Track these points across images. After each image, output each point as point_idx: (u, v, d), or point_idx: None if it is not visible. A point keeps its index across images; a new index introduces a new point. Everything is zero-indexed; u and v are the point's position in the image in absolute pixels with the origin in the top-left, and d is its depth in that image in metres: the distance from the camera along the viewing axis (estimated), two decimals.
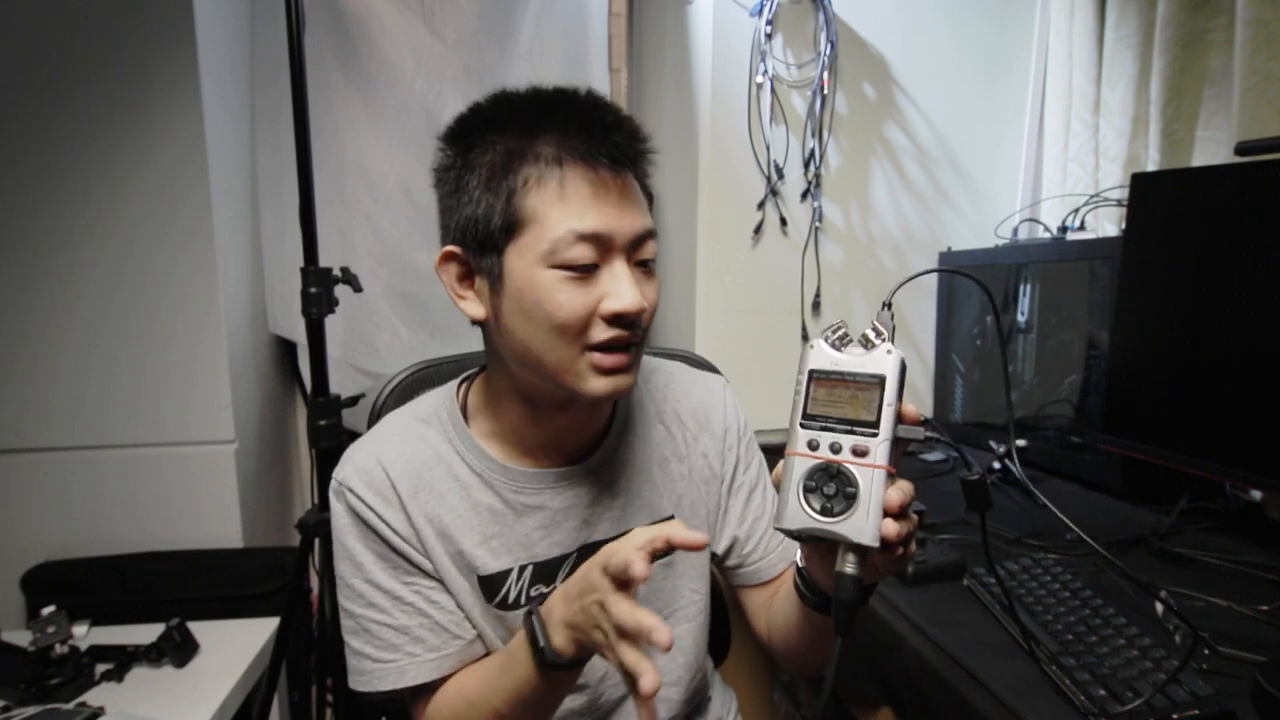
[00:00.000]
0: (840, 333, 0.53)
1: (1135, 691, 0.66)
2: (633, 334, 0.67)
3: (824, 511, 0.50)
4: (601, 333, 0.66)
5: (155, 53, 1.35)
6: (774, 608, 0.80)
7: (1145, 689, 0.66)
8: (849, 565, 0.51)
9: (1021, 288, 1.46)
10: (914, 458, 1.48)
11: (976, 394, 1.58)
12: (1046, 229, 1.48)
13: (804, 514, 0.51)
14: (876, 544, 0.49)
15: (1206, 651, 0.77)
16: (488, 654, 0.75)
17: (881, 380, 0.50)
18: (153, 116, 1.37)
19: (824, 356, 0.53)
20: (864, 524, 0.49)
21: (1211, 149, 1.30)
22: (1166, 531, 1.06)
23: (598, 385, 0.67)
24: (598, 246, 0.65)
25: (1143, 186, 1.08)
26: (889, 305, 0.54)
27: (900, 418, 0.51)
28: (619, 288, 0.65)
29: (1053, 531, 1.07)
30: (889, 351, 0.51)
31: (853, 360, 0.52)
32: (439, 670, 0.72)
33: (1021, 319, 1.46)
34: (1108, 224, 1.45)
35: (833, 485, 0.50)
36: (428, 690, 0.72)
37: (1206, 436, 0.98)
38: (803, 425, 0.52)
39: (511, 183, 0.65)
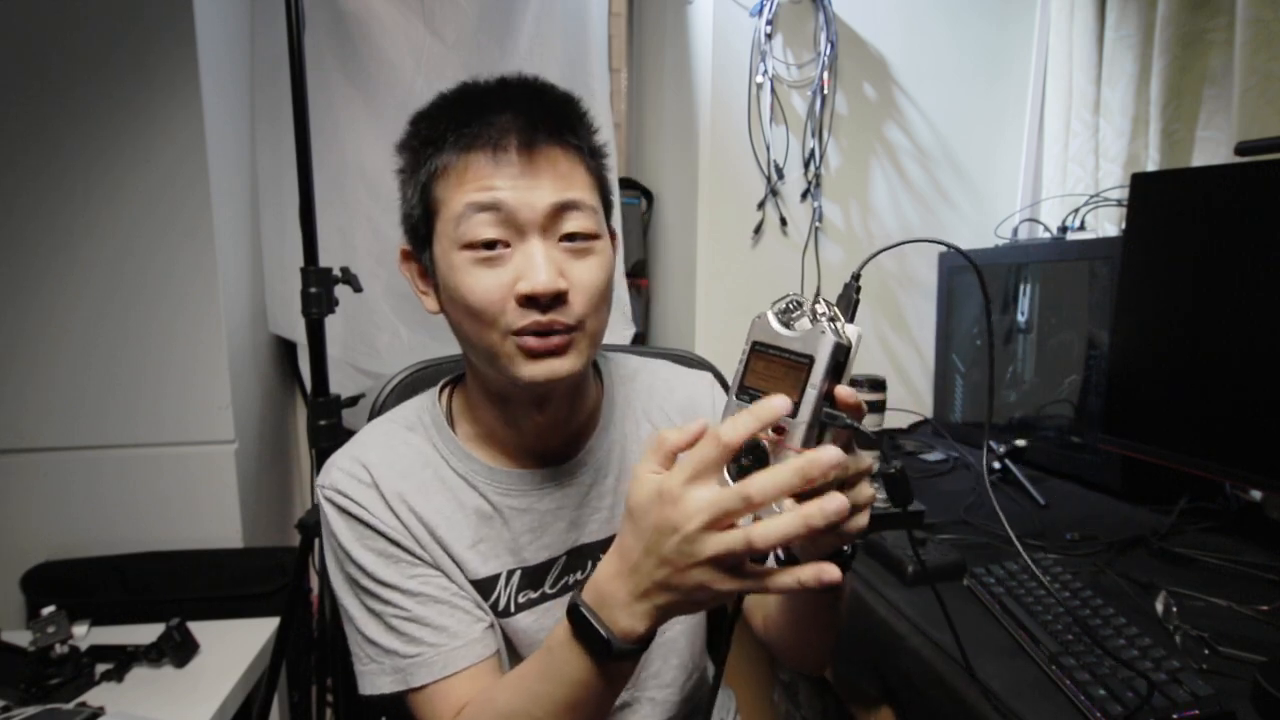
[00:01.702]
0: (788, 306, 0.52)
1: (1135, 691, 0.66)
2: (554, 320, 0.64)
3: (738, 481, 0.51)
4: (517, 318, 0.63)
5: (155, 53, 1.35)
6: (768, 596, 0.78)
7: (1145, 689, 0.66)
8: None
9: (1021, 288, 1.46)
10: (914, 457, 1.48)
11: (977, 394, 1.58)
12: (1046, 229, 1.48)
13: (725, 480, 0.51)
14: None
15: (1206, 651, 0.77)
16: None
17: (811, 361, 0.49)
18: (153, 116, 1.37)
19: (767, 329, 0.52)
20: None
21: (1211, 149, 1.30)
22: (1166, 531, 1.06)
23: (529, 370, 0.64)
24: (501, 222, 0.63)
25: (1143, 186, 1.08)
26: (857, 278, 0.55)
27: (834, 401, 0.50)
28: (529, 267, 0.62)
29: (1053, 531, 1.07)
30: (823, 332, 0.49)
31: (791, 337, 0.51)
32: (469, 658, 0.68)
33: (1021, 319, 1.46)
34: (1108, 224, 1.45)
35: (751, 458, 0.50)
36: (452, 697, 0.67)
37: (1206, 436, 0.98)
38: (737, 396, 0.53)
39: (424, 172, 0.66)
